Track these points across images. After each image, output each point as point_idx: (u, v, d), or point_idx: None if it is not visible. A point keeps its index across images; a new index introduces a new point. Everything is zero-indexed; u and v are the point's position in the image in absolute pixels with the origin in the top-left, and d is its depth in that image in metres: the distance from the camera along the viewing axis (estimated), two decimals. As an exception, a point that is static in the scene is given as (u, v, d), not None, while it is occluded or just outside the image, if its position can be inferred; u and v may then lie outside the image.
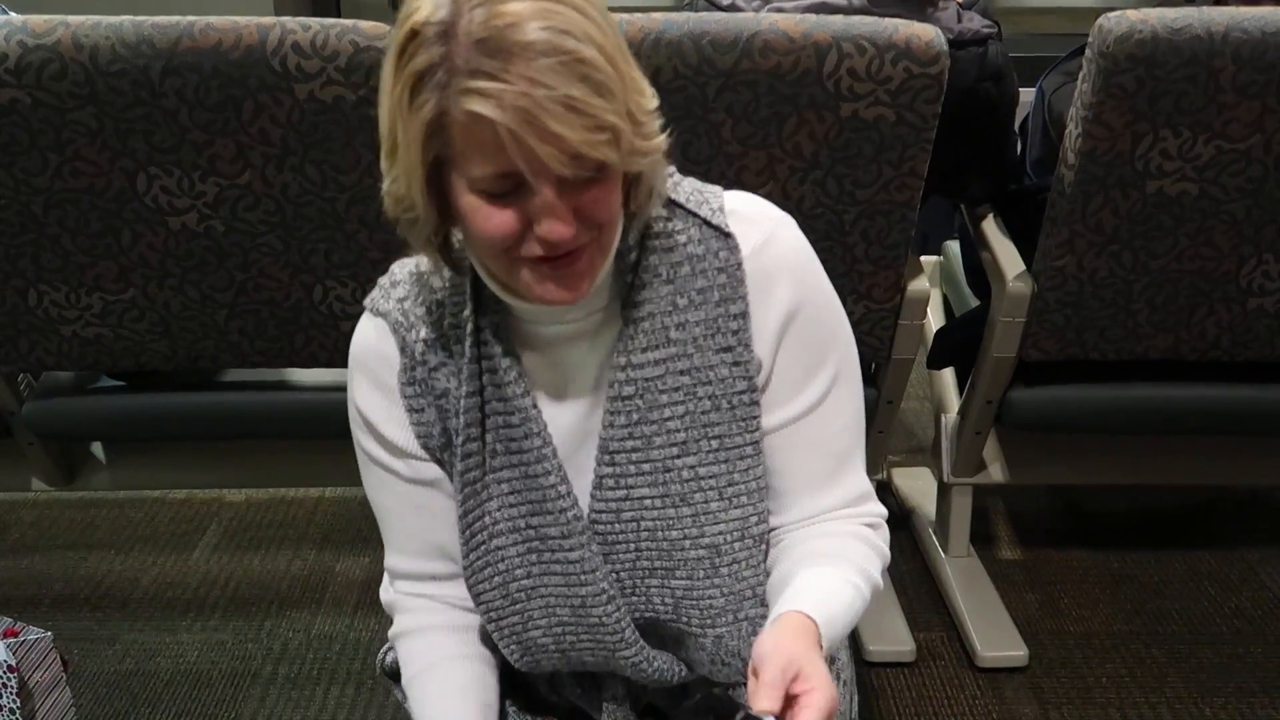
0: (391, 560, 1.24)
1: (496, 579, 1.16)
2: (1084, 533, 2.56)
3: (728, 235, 1.10)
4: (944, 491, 2.35)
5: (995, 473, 2.24)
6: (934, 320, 2.37)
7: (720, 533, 1.14)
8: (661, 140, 1.00)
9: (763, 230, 1.12)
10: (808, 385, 1.14)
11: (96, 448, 2.17)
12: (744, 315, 1.10)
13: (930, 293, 1.95)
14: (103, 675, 2.11)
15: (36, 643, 1.80)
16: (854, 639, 2.15)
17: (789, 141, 1.68)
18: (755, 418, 1.13)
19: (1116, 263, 1.83)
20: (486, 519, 1.15)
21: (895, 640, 2.15)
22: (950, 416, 2.23)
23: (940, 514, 2.38)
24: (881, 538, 1.19)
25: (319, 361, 1.90)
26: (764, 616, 1.16)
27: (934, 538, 2.40)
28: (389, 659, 1.39)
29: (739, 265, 1.10)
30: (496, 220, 0.96)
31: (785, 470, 1.16)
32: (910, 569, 2.40)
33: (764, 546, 1.17)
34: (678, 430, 1.12)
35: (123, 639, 2.20)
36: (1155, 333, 1.92)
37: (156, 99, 1.60)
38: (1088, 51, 1.68)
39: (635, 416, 1.11)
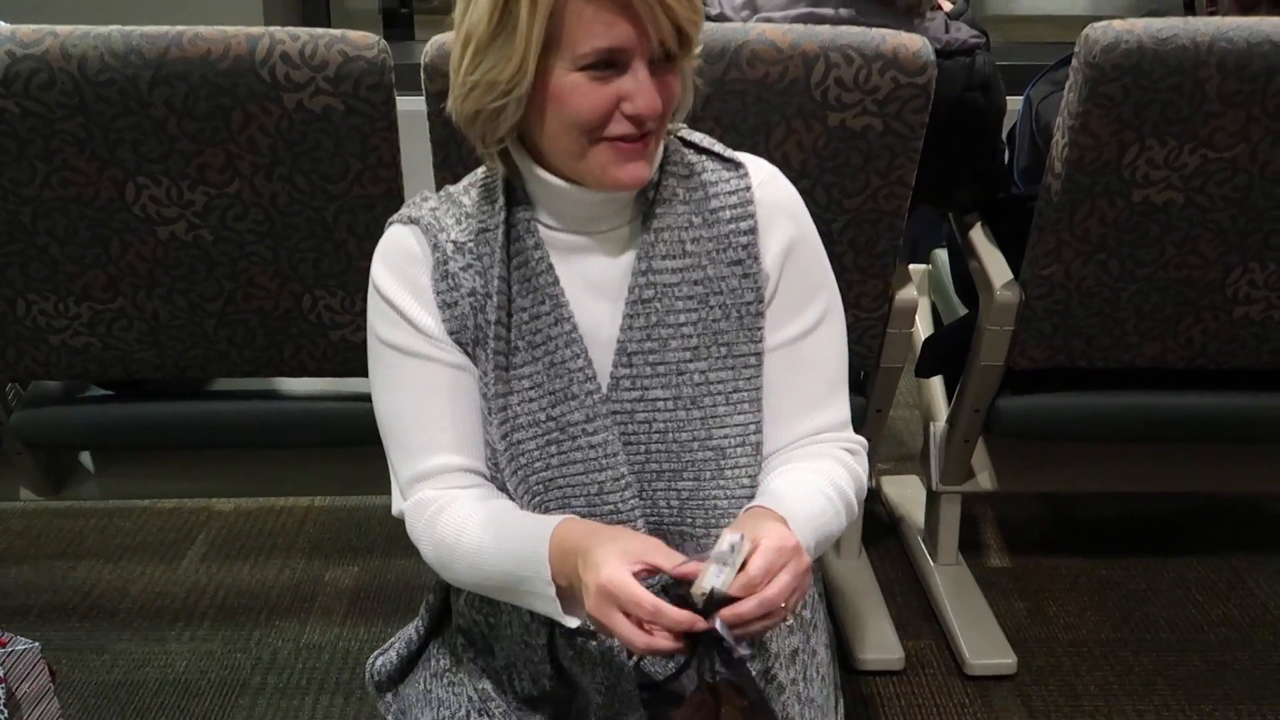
0: (417, 466, 1.22)
1: (519, 472, 1.21)
2: (1072, 540, 2.57)
3: (739, 165, 1.24)
4: (933, 500, 2.35)
5: (984, 481, 2.24)
6: (922, 328, 2.37)
7: (726, 436, 1.23)
8: (708, 45, 1.21)
9: (769, 169, 1.27)
10: (805, 309, 1.25)
11: (85, 457, 2.17)
12: (753, 232, 1.22)
13: (919, 301, 1.96)
14: (91, 685, 2.10)
15: (24, 653, 1.79)
16: (843, 646, 2.15)
17: (777, 151, 1.69)
18: (760, 328, 1.23)
19: (1104, 271, 1.84)
20: (509, 411, 1.21)
21: (884, 648, 2.16)
22: (939, 425, 2.23)
23: (929, 522, 2.39)
24: (860, 463, 1.29)
25: (308, 371, 1.90)
26: None
27: (923, 546, 2.41)
28: (378, 665, 1.39)
29: (748, 189, 1.23)
30: (595, 96, 1.09)
31: (783, 389, 1.25)
32: (899, 577, 2.40)
33: (760, 456, 1.25)
34: (691, 336, 1.21)
35: (111, 649, 2.20)
36: (1142, 341, 1.93)
37: (145, 108, 1.60)
38: (1074, 61, 1.69)
39: (653, 319, 1.21)
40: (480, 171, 1.26)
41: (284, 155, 1.65)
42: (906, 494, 2.59)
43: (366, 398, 1.30)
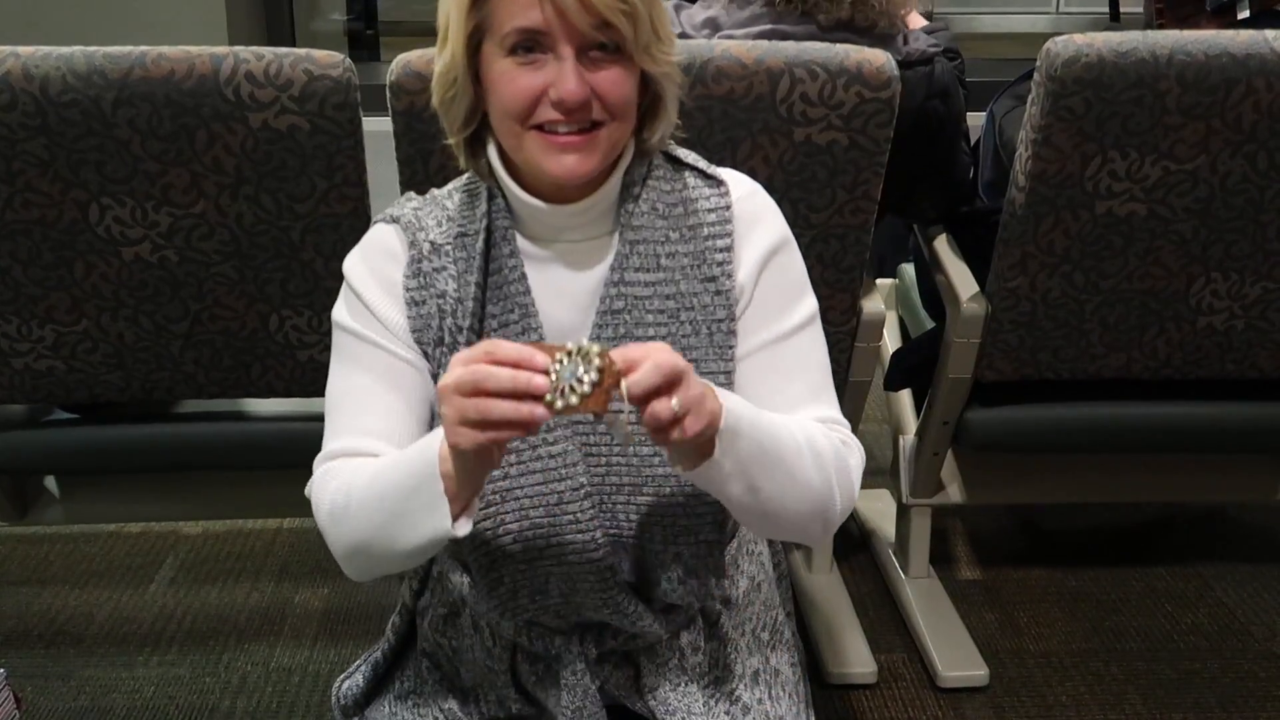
0: (337, 444, 1.21)
1: None
2: (1042, 551, 2.58)
3: (720, 182, 1.25)
4: (903, 513, 2.36)
5: (954, 493, 2.25)
6: (890, 342, 2.38)
7: None
8: (676, 61, 1.16)
9: (750, 185, 1.28)
10: (785, 314, 1.25)
11: (50, 481, 2.14)
12: (729, 250, 1.22)
13: (886, 315, 1.97)
14: (57, 712, 2.07)
15: (-11, 680, 1.77)
16: (815, 661, 2.15)
17: (744, 166, 1.69)
18: (731, 347, 1.22)
19: (1068, 283, 1.86)
20: None
21: (856, 662, 2.16)
22: (908, 438, 2.24)
23: (900, 535, 2.40)
24: (851, 457, 1.22)
25: (276, 391, 1.89)
26: (722, 541, 1.27)
27: (894, 559, 2.41)
28: (344, 689, 1.38)
29: (728, 207, 1.24)
30: (521, 82, 1.11)
31: (766, 393, 1.23)
32: (871, 590, 2.41)
33: None
34: None
35: (78, 675, 2.17)
36: (1108, 352, 1.94)
37: (109, 129, 1.59)
38: (1036, 75, 1.70)
39: (622, 330, 1.20)
40: (466, 176, 1.27)
41: (249, 175, 1.65)
42: (877, 508, 2.60)
43: (335, 418, 1.30)
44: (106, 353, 1.81)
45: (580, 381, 0.96)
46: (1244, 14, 2.00)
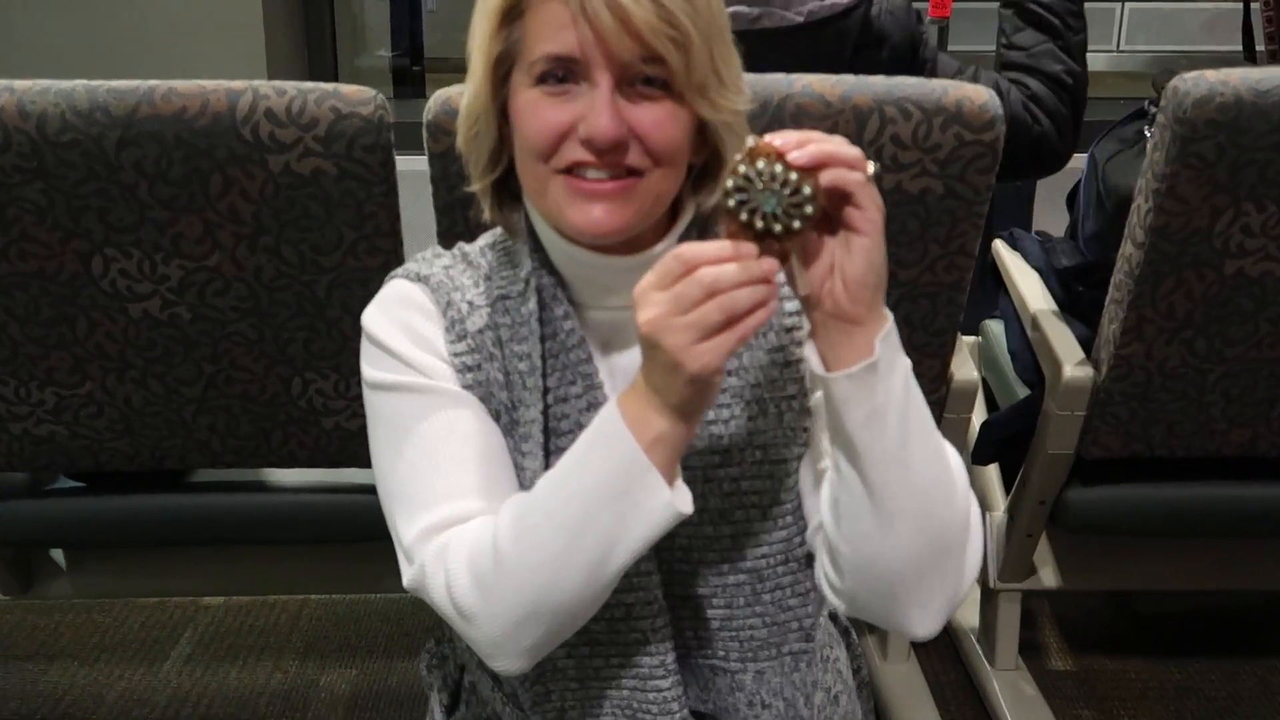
0: (431, 517, 1.00)
1: None
2: (1140, 639, 2.36)
3: None
4: (989, 597, 2.15)
5: (1047, 578, 2.04)
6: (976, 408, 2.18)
7: (763, 555, 1.06)
8: (740, 107, 0.98)
9: None
10: None
11: (56, 553, 1.99)
12: (799, 313, 1.05)
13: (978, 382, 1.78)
14: (58, 807, 1.91)
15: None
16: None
17: (825, 217, 1.51)
18: (805, 428, 1.06)
19: (1189, 350, 1.65)
20: None
21: (939, 765, 1.95)
22: (996, 515, 2.03)
23: (985, 621, 2.18)
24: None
25: (298, 461, 1.72)
26: (808, 651, 1.10)
27: (978, 648, 2.20)
28: None
29: None
30: (547, 114, 0.95)
31: None
32: (952, 681, 2.20)
33: (808, 570, 1.08)
34: (721, 436, 1.05)
35: (83, 764, 2.00)
36: (1230, 427, 1.73)
37: (113, 173, 1.44)
38: (1160, 117, 1.51)
39: None
40: (499, 230, 1.10)
41: (269, 224, 1.48)
42: (957, 588, 2.38)
43: (363, 489, 1.13)
44: (113, 418, 1.65)
45: (800, 208, 0.87)
46: None
